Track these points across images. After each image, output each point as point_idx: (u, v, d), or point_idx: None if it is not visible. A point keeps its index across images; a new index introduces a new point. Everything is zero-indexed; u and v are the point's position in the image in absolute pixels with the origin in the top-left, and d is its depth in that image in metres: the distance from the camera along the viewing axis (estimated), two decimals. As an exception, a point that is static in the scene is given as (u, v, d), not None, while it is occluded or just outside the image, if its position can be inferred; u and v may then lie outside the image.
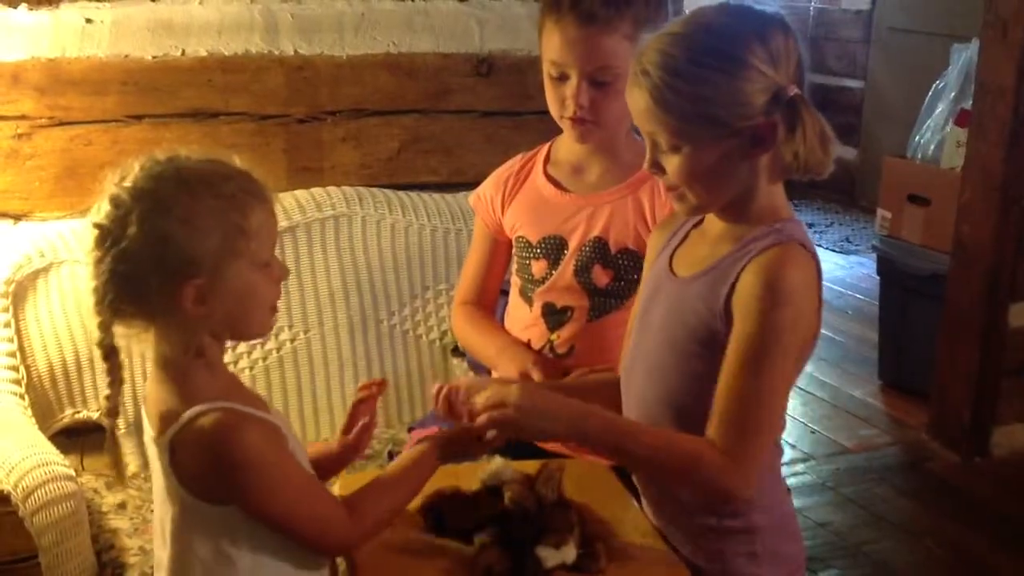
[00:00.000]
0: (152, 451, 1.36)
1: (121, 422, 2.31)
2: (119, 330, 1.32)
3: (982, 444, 3.45)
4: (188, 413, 1.29)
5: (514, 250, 1.88)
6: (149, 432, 1.36)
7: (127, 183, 1.30)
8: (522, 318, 1.85)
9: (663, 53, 1.35)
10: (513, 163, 1.91)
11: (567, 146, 1.83)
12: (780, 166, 1.39)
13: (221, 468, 1.28)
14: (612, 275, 1.78)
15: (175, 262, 1.27)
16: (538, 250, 1.82)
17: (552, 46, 1.71)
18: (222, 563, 1.33)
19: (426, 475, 1.45)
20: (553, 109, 1.76)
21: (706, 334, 1.41)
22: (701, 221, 1.52)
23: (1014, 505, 3.20)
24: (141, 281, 1.28)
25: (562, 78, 1.71)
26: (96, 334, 1.31)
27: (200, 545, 1.33)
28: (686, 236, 1.53)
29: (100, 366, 2.23)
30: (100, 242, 1.29)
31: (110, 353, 1.33)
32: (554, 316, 1.81)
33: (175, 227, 1.27)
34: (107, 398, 1.36)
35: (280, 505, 1.30)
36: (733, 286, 1.38)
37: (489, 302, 1.96)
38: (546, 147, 1.89)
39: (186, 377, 1.32)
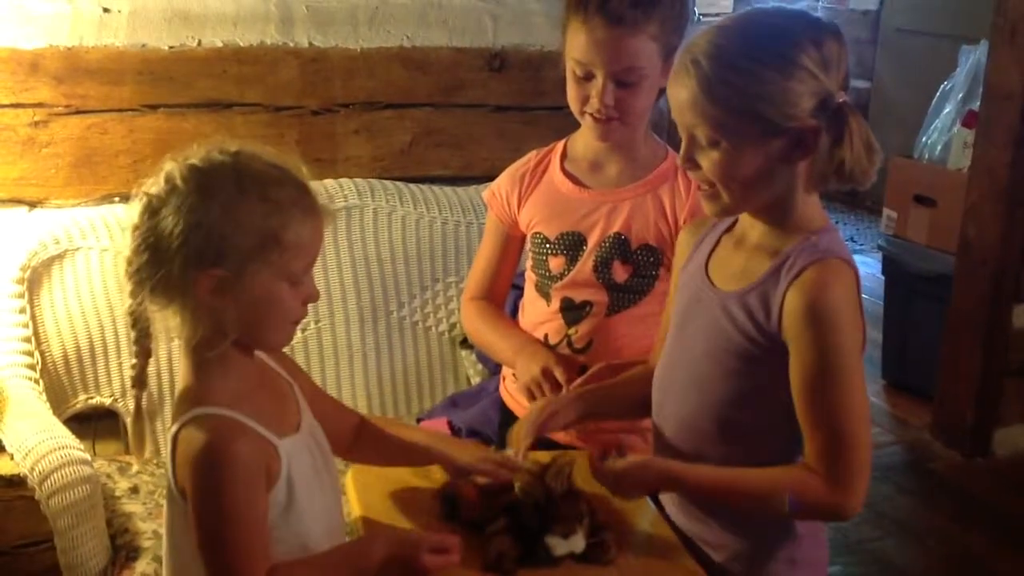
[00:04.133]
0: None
1: (133, 407, 2.33)
2: (148, 303, 1.31)
3: (984, 444, 3.46)
4: (193, 412, 1.28)
5: (529, 246, 1.88)
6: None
7: (186, 163, 1.30)
8: (538, 313, 1.86)
9: (716, 45, 1.34)
10: (528, 159, 1.90)
11: (584, 142, 1.83)
12: (818, 175, 1.37)
13: (196, 476, 1.26)
14: (631, 271, 1.78)
15: (200, 248, 1.26)
16: (556, 246, 1.82)
17: (578, 46, 1.70)
18: (198, 561, 1.31)
19: (363, 568, 1.37)
20: (575, 106, 1.76)
21: (753, 350, 1.41)
22: (732, 226, 1.50)
23: (1015, 505, 3.22)
24: (165, 259, 1.27)
25: (587, 77, 1.71)
26: (127, 301, 1.32)
27: (182, 540, 1.32)
28: (718, 242, 1.51)
29: (114, 353, 2.30)
30: (143, 211, 1.29)
31: (137, 321, 1.32)
32: (572, 311, 1.81)
33: (212, 215, 1.26)
34: (132, 367, 1.36)
35: (215, 536, 1.27)
36: (781, 310, 1.37)
37: (500, 298, 1.96)
38: (561, 143, 1.89)
39: (202, 372, 1.31)
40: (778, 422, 1.42)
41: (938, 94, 3.95)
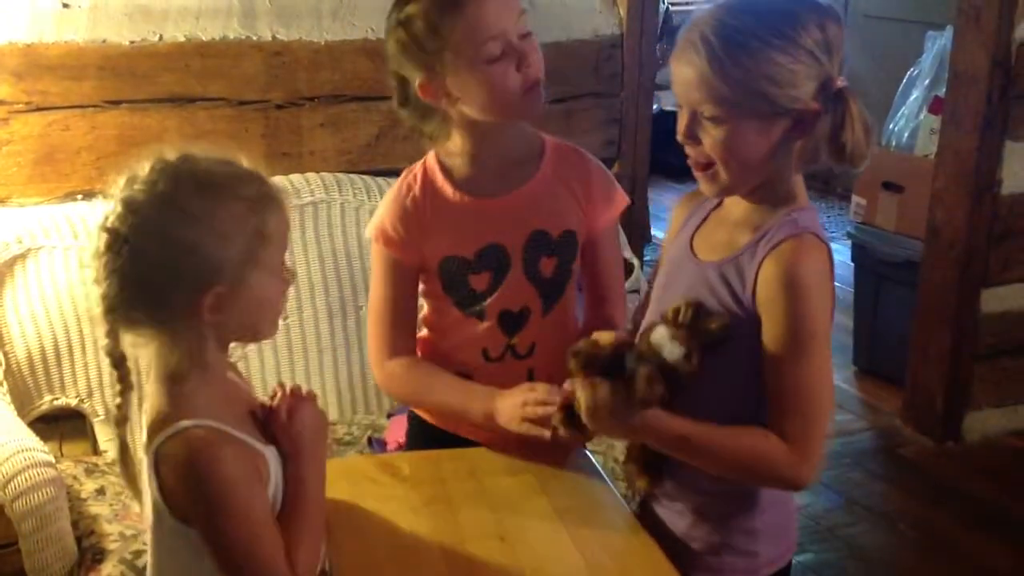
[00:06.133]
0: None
1: (100, 407, 2.31)
2: (126, 337, 1.28)
3: (954, 429, 3.49)
4: (174, 427, 1.25)
5: (440, 273, 1.74)
6: (142, 437, 1.32)
7: (142, 185, 1.25)
8: (467, 333, 1.76)
9: (725, 24, 1.35)
10: (407, 185, 1.74)
11: (463, 151, 1.71)
12: (810, 154, 1.40)
13: (190, 488, 1.24)
14: (556, 262, 1.73)
15: (199, 270, 1.23)
16: (476, 264, 1.72)
17: (485, 21, 1.58)
18: None
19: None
20: (507, 92, 1.61)
21: (728, 320, 1.42)
22: (721, 203, 1.52)
23: (986, 489, 3.24)
24: (160, 290, 1.24)
25: (506, 51, 1.59)
26: (103, 341, 1.27)
27: (171, 558, 1.31)
28: (706, 217, 1.53)
29: (79, 353, 2.28)
30: (113, 247, 1.23)
31: (120, 361, 1.29)
32: (512, 320, 1.74)
33: (201, 235, 1.23)
34: (118, 407, 1.31)
35: (229, 540, 1.25)
36: (756, 279, 1.39)
37: (414, 344, 1.81)
38: (432, 163, 1.73)
39: (182, 388, 1.28)
40: (744, 388, 1.43)
41: (905, 80, 3.97)
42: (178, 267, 1.23)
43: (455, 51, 1.59)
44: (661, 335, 1.44)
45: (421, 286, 1.78)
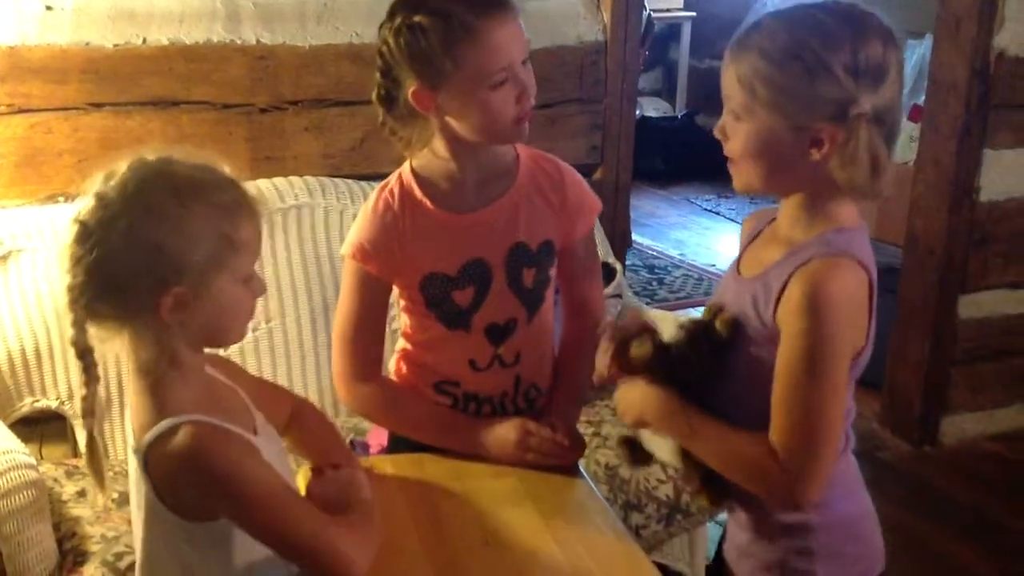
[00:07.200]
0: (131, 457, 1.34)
1: (80, 408, 2.30)
2: (92, 330, 1.29)
3: (932, 433, 3.52)
4: (160, 426, 1.26)
5: (422, 290, 1.73)
6: (130, 439, 1.33)
7: (116, 183, 1.27)
8: (456, 345, 1.75)
9: (768, 33, 1.37)
10: (387, 202, 1.71)
11: (441, 164, 1.70)
12: (835, 178, 1.38)
13: (202, 485, 1.26)
14: (535, 271, 1.74)
15: (161, 270, 1.25)
16: (459, 280, 1.71)
17: (498, 51, 1.57)
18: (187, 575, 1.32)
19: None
20: (501, 121, 1.62)
21: (755, 336, 1.42)
22: (773, 221, 1.52)
23: (963, 492, 3.27)
24: (121, 285, 1.25)
25: (509, 80, 1.60)
26: (69, 331, 1.28)
27: (169, 555, 1.32)
28: (760, 233, 1.53)
29: (60, 355, 2.27)
30: (82, 239, 1.26)
31: (84, 352, 1.29)
32: (498, 332, 1.75)
33: (166, 235, 1.24)
34: (83, 399, 1.32)
35: (262, 518, 1.27)
36: (780, 297, 1.38)
37: (380, 367, 1.81)
38: (408, 176, 1.72)
39: (160, 387, 1.29)
40: (760, 407, 1.42)
41: (884, 88, 4.00)
42: (140, 264, 1.25)
43: (462, 73, 1.58)
44: (663, 316, 1.47)
45: (402, 302, 1.78)
